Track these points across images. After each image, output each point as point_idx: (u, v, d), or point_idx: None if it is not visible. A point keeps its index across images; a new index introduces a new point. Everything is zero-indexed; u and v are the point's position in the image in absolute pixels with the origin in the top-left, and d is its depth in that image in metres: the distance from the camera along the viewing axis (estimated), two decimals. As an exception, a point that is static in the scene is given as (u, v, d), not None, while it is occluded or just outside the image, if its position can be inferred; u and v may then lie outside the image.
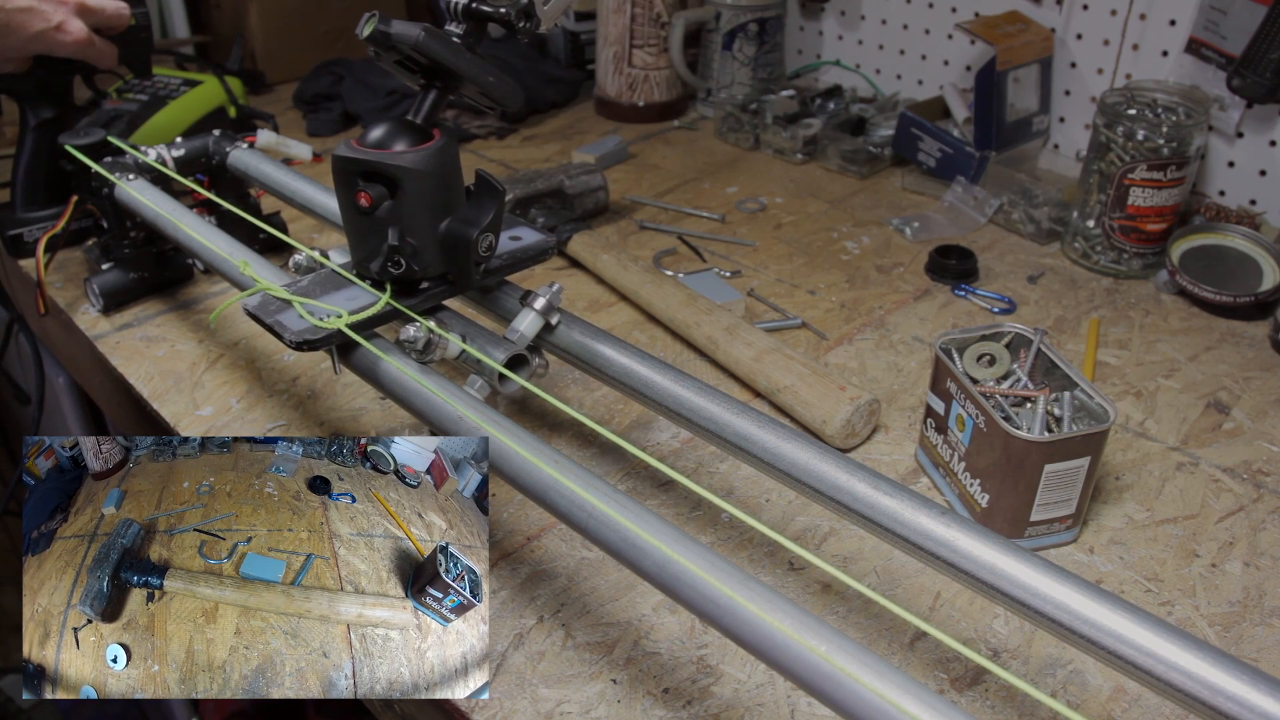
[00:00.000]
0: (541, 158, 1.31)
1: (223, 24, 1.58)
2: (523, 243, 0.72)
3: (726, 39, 1.38)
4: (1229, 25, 1.03)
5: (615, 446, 0.77)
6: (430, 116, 0.64)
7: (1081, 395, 0.69)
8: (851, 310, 0.97)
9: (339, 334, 0.62)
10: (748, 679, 0.59)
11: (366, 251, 0.64)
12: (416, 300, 0.65)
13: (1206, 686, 0.43)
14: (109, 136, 0.91)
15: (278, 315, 0.63)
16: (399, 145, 0.61)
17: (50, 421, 1.28)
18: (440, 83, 0.64)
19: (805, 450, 0.56)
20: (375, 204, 0.61)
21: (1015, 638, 0.62)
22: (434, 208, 0.62)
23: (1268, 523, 0.71)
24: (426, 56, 0.61)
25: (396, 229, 0.62)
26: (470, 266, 0.64)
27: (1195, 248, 1.00)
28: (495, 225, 0.64)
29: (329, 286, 0.66)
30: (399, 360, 0.62)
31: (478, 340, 0.64)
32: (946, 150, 1.18)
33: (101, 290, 0.94)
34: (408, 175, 0.60)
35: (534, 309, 0.66)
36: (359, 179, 0.61)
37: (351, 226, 0.64)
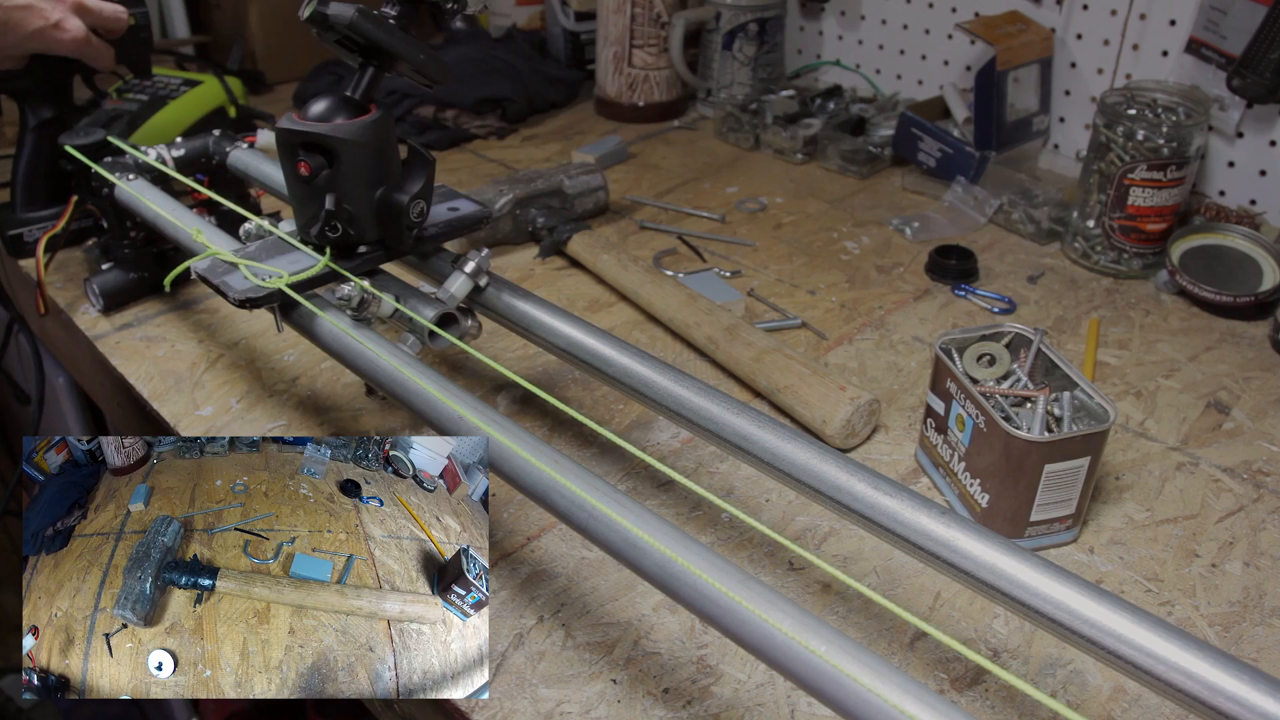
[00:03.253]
0: (541, 158, 1.31)
1: (223, 24, 1.58)
2: (459, 213, 0.76)
3: (726, 39, 1.38)
4: (1229, 25, 1.03)
5: (615, 446, 0.77)
6: (367, 93, 0.68)
7: (1081, 395, 0.69)
8: (851, 310, 0.97)
9: (280, 293, 0.66)
10: (748, 679, 0.59)
11: (307, 218, 0.68)
12: (354, 263, 0.69)
13: (1206, 686, 0.43)
14: (109, 136, 0.91)
15: (224, 276, 0.67)
16: (337, 118, 0.66)
17: (50, 421, 1.28)
18: (376, 61, 0.68)
19: (805, 450, 0.56)
20: (314, 173, 0.65)
21: (1015, 638, 0.62)
22: (369, 176, 0.67)
23: (1268, 523, 0.71)
24: (361, 36, 0.65)
25: (334, 195, 0.66)
26: (403, 230, 0.68)
27: (1195, 248, 1.00)
28: (426, 192, 0.68)
29: (274, 251, 0.70)
30: (335, 317, 0.66)
31: (410, 300, 0.69)
32: (946, 150, 1.18)
33: (101, 290, 0.94)
34: (344, 146, 0.65)
35: (464, 271, 0.71)
36: (300, 149, 0.66)
37: (294, 194, 0.69)
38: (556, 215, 1.06)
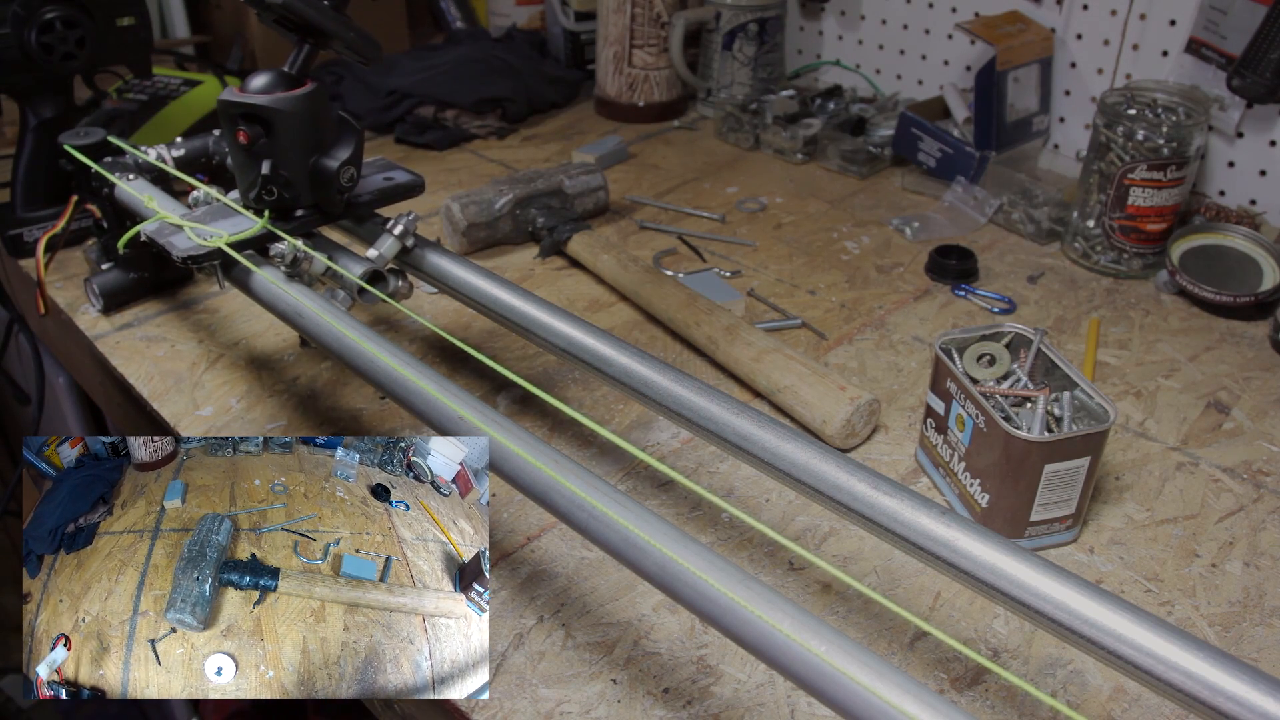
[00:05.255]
0: (541, 158, 1.31)
1: (223, 24, 1.58)
2: (394, 182, 0.81)
3: (726, 39, 1.38)
4: (1229, 25, 1.03)
5: (615, 446, 0.77)
6: (304, 68, 0.72)
7: (1081, 395, 0.69)
8: (851, 310, 0.97)
9: (220, 252, 0.71)
10: (748, 679, 0.59)
11: (247, 183, 0.73)
12: (291, 225, 0.74)
13: (1206, 686, 0.43)
14: (109, 136, 0.91)
15: (170, 237, 0.72)
16: (275, 91, 0.70)
17: (50, 421, 1.28)
18: (311, 38, 0.72)
19: (805, 450, 0.56)
20: (253, 141, 0.70)
21: (1015, 638, 0.62)
22: (303, 145, 0.72)
23: (1268, 523, 0.71)
24: (295, 15, 0.69)
25: (270, 162, 0.71)
26: (335, 194, 0.73)
27: (1195, 248, 1.00)
28: (355, 159, 0.74)
29: (218, 216, 0.75)
30: (269, 273, 0.70)
31: (341, 259, 0.74)
32: (946, 150, 1.18)
33: (101, 290, 0.94)
34: (278, 116, 0.70)
35: (392, 234, 0.75)
36: (240, 120, 0.70)
37: (235, 162, 0.74)
38: (556, 215, 1.06)
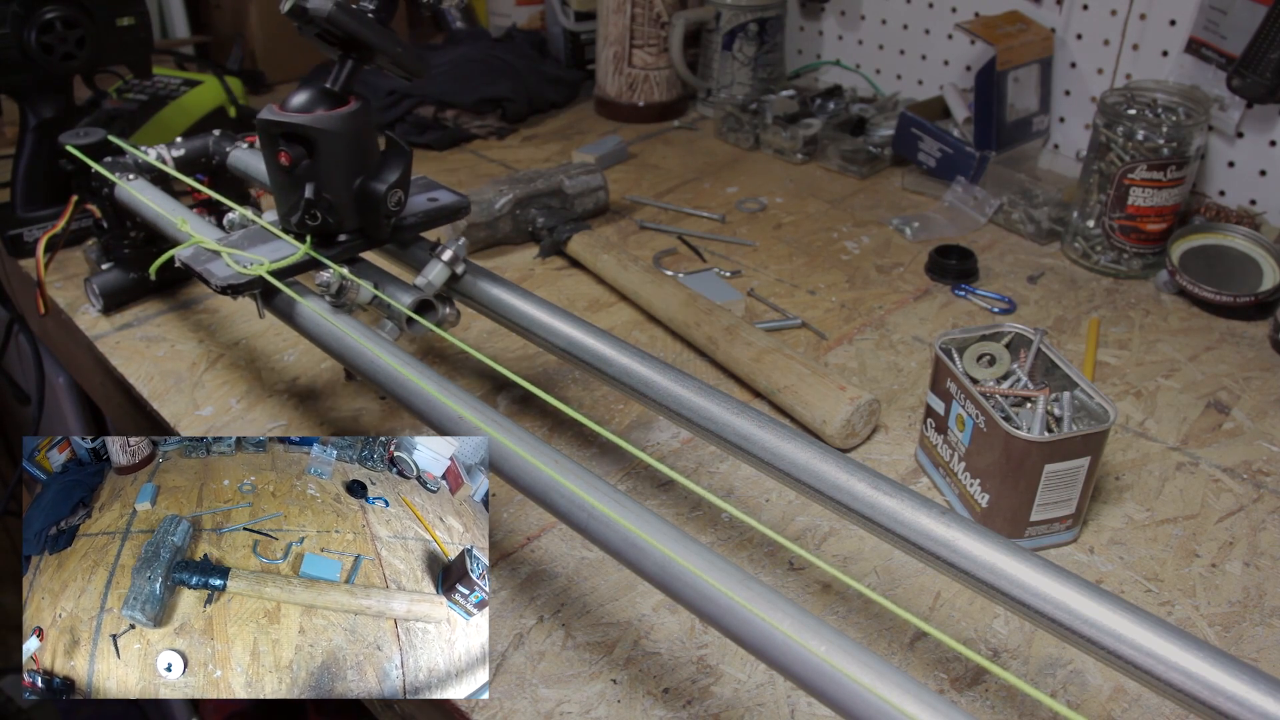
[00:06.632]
0: (541, 158, 1.31)
1: (223, 24, 1.58)
2: (439, 203, 0.77)
3: (726, 39, 1.38)
4: (1229, 25, 1.03)
5: (615, 446, 0.77)
6: (346, 84, 0.69)
7: (1081, 395, 0.69)
8: (851, 310, 0.97)
9: (261, 280, 0.67)
10: (748, 679, 0.59)
11: (288, 207, 0.69)
12: (334, 251, 0.70)
13: (1206, 686, 0.43)
14: (109, 136, 0.91)
15: (207, 264, 0.68)
16: (317, 110, 0.67)
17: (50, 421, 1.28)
18: (355, 54, 0.69)
19: (805, 450, 0.56)
20: (295, 162, 0.67)
21: (1015, 638, 0.62)
22: (348, 166, 0.68)
23: (1268, 523, 0.71)
24: (339, 29, 0.66)
25: (313, 185, 0.67)
26: (381, 219, 0.70)
27: (1195, 248, 1.00)
28: (403, 182, 0.70)
29: (256, 240, 0.71)
30: (314, 303, 0.67)
31: (388, 287, 0.70)
32: (946, 150, 1.18)
33: (101, 290, 0.94)
34: (323, 136, 0.66)
35: (441, 259, 0.72)
36: (280, 140, 0.67)
37: (275, 184, 0.70)
38: (556, 215, 1.06)
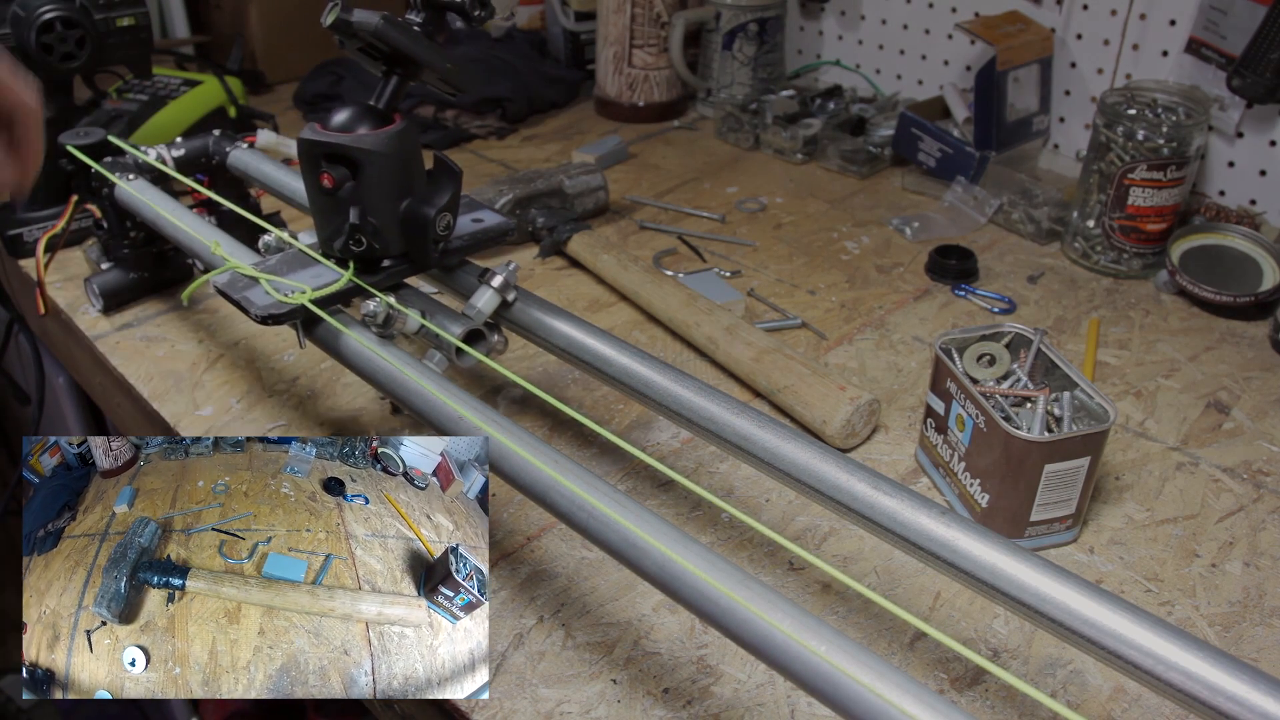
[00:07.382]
0: (541, 158, 1.31)
1: (223, 24, 1.58)
2: (483, 225, 0.74)
3: (726, 39, 1.38)
4: (1229, 25, 1.03)
5: (615, 446, 0.76)
6: (391, 102, 0.66)
7: (1081, 395, 0.69)
8: (851, 310, 0.97)
9: (303, 309, 0.64)
10: (748, 679, 0.59)
11: (330, 231, 0.66)
12: (378, 278, 0.67)
13: (1206, 686, 0.43)
14: (109, 136, 0.91)
15: (245, 292, 0.65)
16: (361, 129, 0.63)
17: (50, 421, 1.28)
18: (400, 69, 0.66)
19: (805, 450, 0.56)
20: (338, 185, 0.63)
21: (1015, 638, 0.62)
22: (394, 189, 0.65)
23: (1268, 523, 0.71)
24: (386, 43, 0.63)
25: (358, 209, 0.64)
26: (429, 245, 0.66)
27: (1195, 248, 1.00)
28: (453, 205, 0.66)
29: (296, 265, 0.68)
30: (360, 334, 0.64)
31: (436, 316, 0.66)
32: (946, 150, 1.18)
33: (101, 290, 0.94)
34: (368, 157, 0.63)
35: (491, 286, 0.68)
36: (323, 160, 0.63)
37: (316, 207, 0.66)
38: (556, 215, 1.06)
